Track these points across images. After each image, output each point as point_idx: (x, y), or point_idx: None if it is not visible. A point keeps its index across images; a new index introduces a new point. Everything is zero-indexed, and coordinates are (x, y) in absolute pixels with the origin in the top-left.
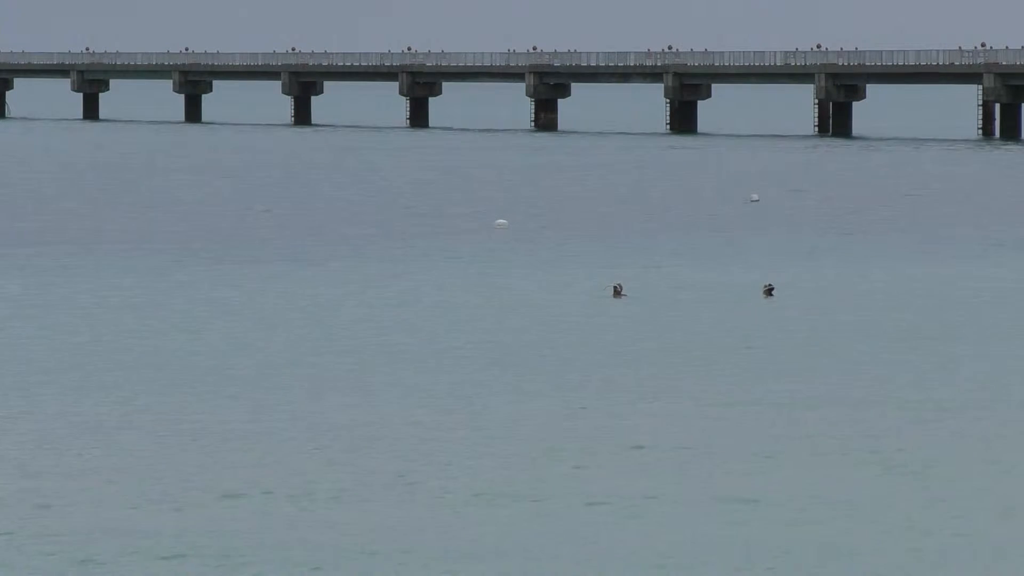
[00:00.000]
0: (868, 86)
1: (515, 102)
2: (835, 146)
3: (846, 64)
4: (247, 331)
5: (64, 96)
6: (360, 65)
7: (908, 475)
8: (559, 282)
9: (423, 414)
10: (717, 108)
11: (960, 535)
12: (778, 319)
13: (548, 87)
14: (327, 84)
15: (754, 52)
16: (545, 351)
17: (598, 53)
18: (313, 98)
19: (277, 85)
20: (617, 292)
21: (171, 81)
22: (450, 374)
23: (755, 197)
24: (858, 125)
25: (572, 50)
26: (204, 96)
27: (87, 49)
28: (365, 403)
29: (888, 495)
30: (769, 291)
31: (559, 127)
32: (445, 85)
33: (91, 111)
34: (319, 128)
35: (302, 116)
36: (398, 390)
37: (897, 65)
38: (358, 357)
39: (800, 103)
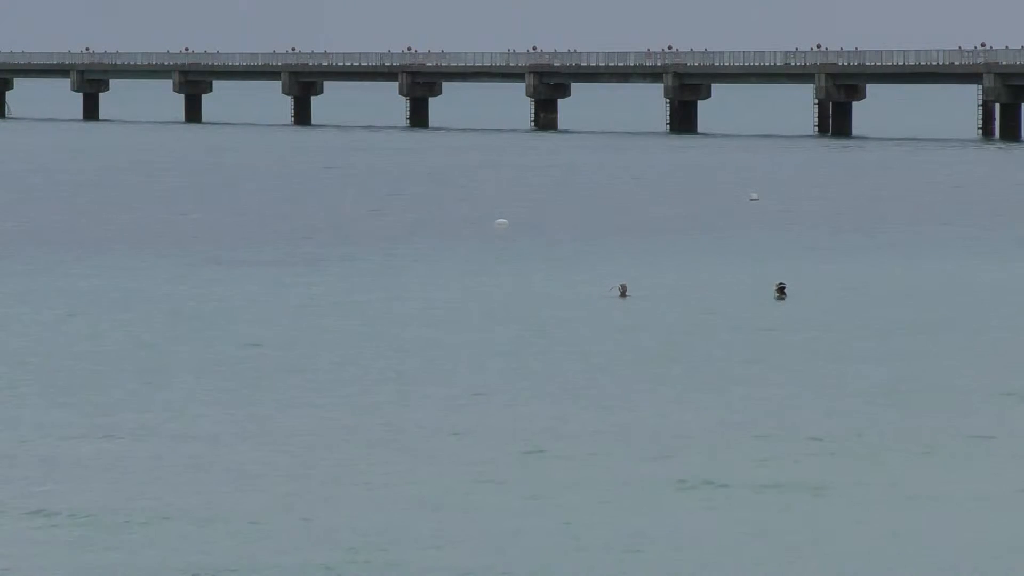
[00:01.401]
0: (868, 86)
1: (515, 102)
2: (835, 146)
3: (846, 64)
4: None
5: (64, 96)
6: (360, 65)
7: (904, 469)
8: (562, 282)
9: (425, 414)
10: (717, 108)
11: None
12: (779, 318)
13: (548, 87)
14: (327, 84)
15: (754, 52)
16: (550, 352)
17: (598, 53)
18: (313, 98)
19: (277, 85)
20: (623, 292)
21: (171, 81)
22: (453, 374)
23: (755, 196)
24: (858, 125)
25: (572, 50)
26: (204, 96)
27: (87, 49)
28: (367, 404)
29: (890, 493)
30: (781, 290)
31: (559, 127)
32: (445, 85)
33: (91, 111)
34: (320, 128)
35: (302, 116)
36: (403, 394)
37: (897, 65)
38: (357, 358)
39: (800, 103)
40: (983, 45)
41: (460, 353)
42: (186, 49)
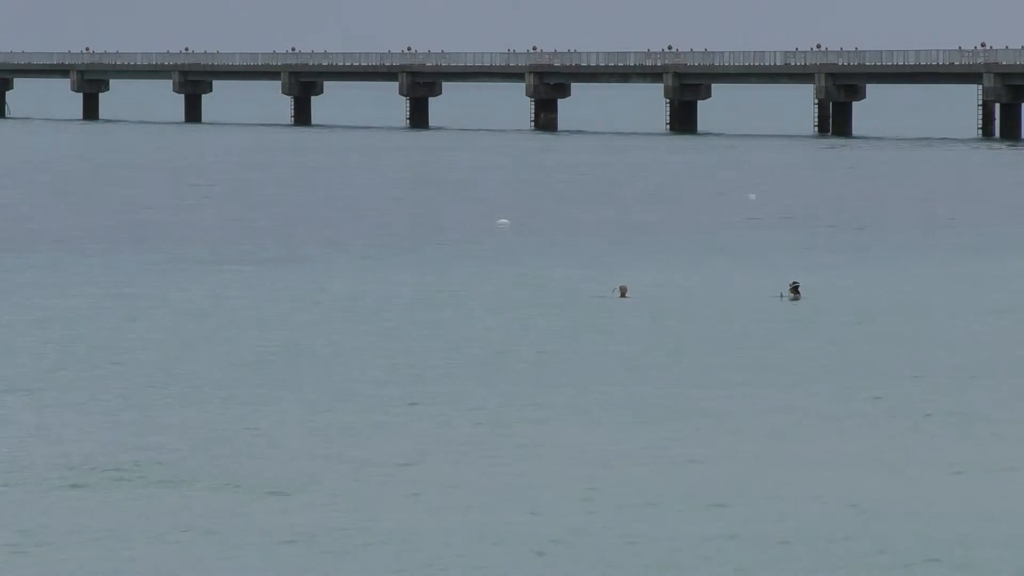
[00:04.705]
0: (868, 86)
1: (515, 102)
2: (835, 146)
3: (846, 64)
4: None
5: (64, 96)
6: (360, 65)
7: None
8: (563, 283)
9: (428, 415)
10: (717, 108)
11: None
12: (776, 319)
13: (548, 87)
14: (327, 84)
15: (754, 52)
16: (549, 353)
17: (598, 53)
18: (313, 98)
19: (277, 85)
20: (623, 293)
21: (171, 81)
22: (451, 376)
23: (752, 196)
24: (858, 125)
25: (572, 50)
26: (204, 96)
27: (87, 49)
28: (370, 404)
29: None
30: (795, 290)
31: (559, 127)
32: (445, 85)
33: (91, 111)
34: (320, 128)
35: (302, 116)
36: (407, 390)
37: (897, 65)
38: (358, 357)
39: (800, 103)
40: (983, 45)
41: (461, 354)
42: (186, 49)
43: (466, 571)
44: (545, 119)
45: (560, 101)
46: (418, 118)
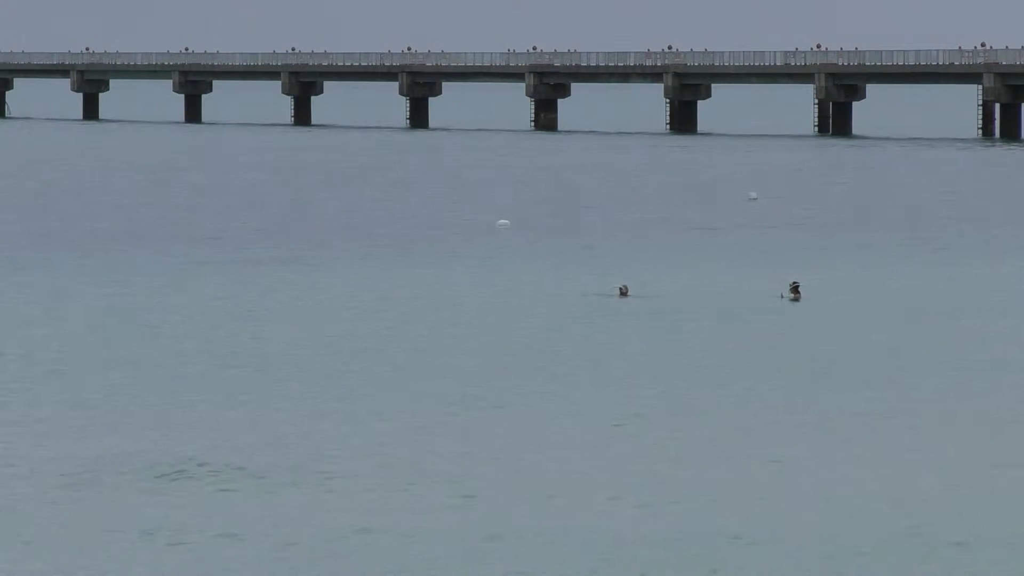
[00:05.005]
0: (868, 86)
1: (515, 102)
2: (835, 146)
3: (846, 64)
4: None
5: (64, 96)
6: (360, 65)
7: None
8: (563, 283)
9: (423, 417)
10: (717, 108)
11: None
12: (776, 319)
13: (548, 87)
14: (327, 84)
15: (754, 52)
16: (550, 353)
17: (598, 53)
18: (313, 98)
19: (277, 85)
20: (623, 293)
21: (171, 81)
22: (453, 376)
23: (753, 195)
24: (858, 125)
25: (572, 50)
26: (204, 96)
27: (87, 49)
28: (367, 405)
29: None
30: (795, 290)
31: (559, 127)
32: (445, 85)
33: (91, 111)
34: (320, 128)
35: (302, 116)
36: (405, 390)
37: (897, 65)
38: (360, 357)
39: (800, 103)
40: (983, 45)
41: (462, 355)
42: (186, 49)
43: (466, 570)
44: (545, 119)
45: (560, 101)
46: (418, 118)
